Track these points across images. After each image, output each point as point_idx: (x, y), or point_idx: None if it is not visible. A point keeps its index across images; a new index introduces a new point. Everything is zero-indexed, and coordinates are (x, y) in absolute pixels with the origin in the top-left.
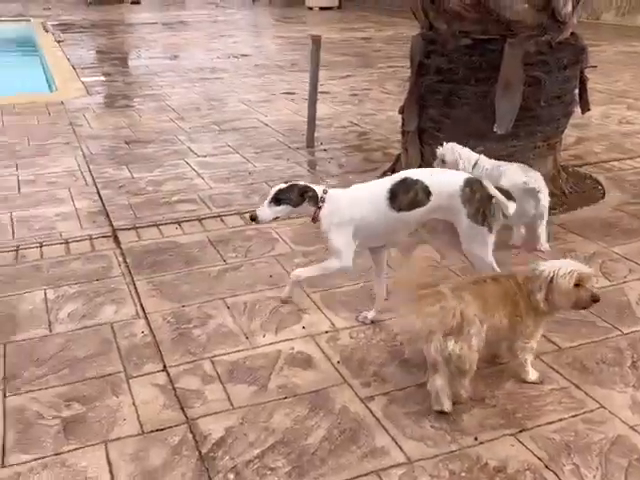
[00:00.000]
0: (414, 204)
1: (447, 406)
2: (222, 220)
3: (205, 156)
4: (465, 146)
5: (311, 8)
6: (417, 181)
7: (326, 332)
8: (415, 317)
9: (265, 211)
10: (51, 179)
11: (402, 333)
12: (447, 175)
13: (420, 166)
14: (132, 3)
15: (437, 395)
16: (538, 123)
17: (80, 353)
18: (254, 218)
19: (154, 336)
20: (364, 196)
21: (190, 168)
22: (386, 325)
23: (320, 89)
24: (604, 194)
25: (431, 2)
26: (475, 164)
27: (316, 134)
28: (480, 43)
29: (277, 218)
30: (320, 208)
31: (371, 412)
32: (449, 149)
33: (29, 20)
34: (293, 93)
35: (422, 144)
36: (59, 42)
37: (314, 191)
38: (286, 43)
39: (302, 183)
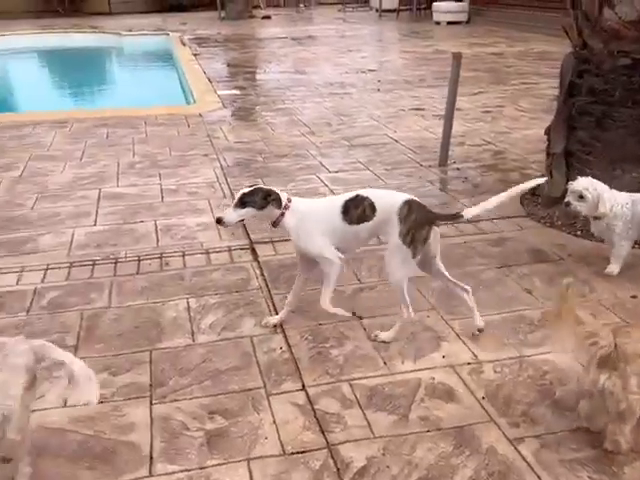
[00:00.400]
0: (362, 219)
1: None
2: None
3: (337, 172)
4: (618, 170)
5: (438, 23)
6: (366, 198)
7: (468, 364)
8: (570, 349)
9: (231, 214)
10: (191, 189)
11: (553, 371)
12: (391, 194)
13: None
14: (263, 18)
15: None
16: None
17: (222, 365)
18: (219, 221)
19: (292, 353)
20: (323, 208)
21: (322, 183)
22: (533, 361)
23: None
24: None
25: (586, 20)
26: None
27: (449, 152)
28: None
29: (242, 220)
30: (283, 214)
31: (521, 455)
32: (589, 185)
33: (168, 34)
34: (422, 109)
35: (568, 167)
36: (195, 55)
37: (277, 195)
38: (413, 58)
39: (266, 187)
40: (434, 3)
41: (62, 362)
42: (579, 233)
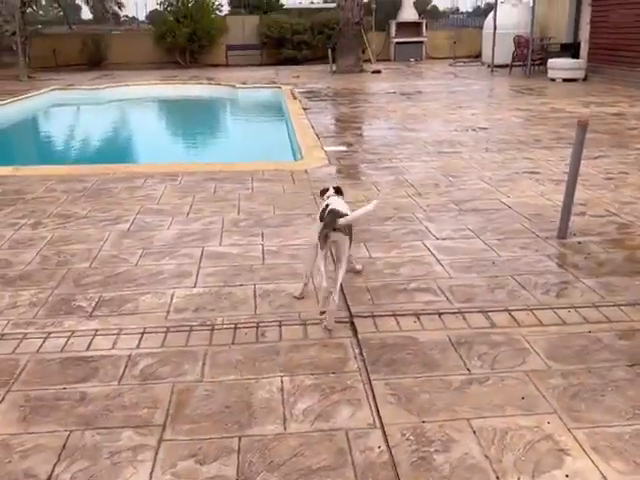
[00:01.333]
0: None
1: None
2: (464, 318)
3: (444, 239)
4: None
5: (553, 79)
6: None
7: None
8: None
9: None
10: (293, 251)
11: None
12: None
13: None
14: (373, 72)
15: None
16: None
17: (314, 462)
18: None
19: (391, 454)
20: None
21: (428, 252)
22: None
23: (566, 169)
24: None
25: None
26: None
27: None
28: None
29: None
30: None
31: None
32: None
33: (280, 87)
34: (537, 172)
35: None
36: (305, 109)
37: None
38: (527, 116)
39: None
40: (549, 60)
41: None
42: None
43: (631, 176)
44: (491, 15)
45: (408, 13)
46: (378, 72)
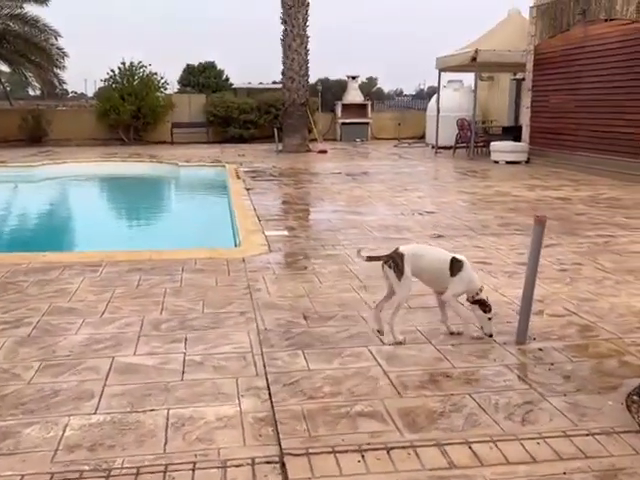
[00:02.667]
0: None
1: None
2: (417, 454)
3: (391, 344)
4: None
5: (497, 162)
6: None
7: None
8: None
9: None
10: (219, 362)
11: None
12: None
13: None
14: (319, 152)
15: None
16: None
17: None
18: None
19: None
20: None
21: (375, 362)
22: None
23: (518, 259)
24: None
25: None
26: None
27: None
28: None
29: None
30: None
31: None
32: None
33: (224, 166)
34: (488, 263)
35: None
36: (248, 190)
37: None
38: (473, 200)
39: None
40: (492, 142)
41: None
42: None
43: (585, 268)
44: (434, 98)
45: (353, 95)
46: (324, 152)
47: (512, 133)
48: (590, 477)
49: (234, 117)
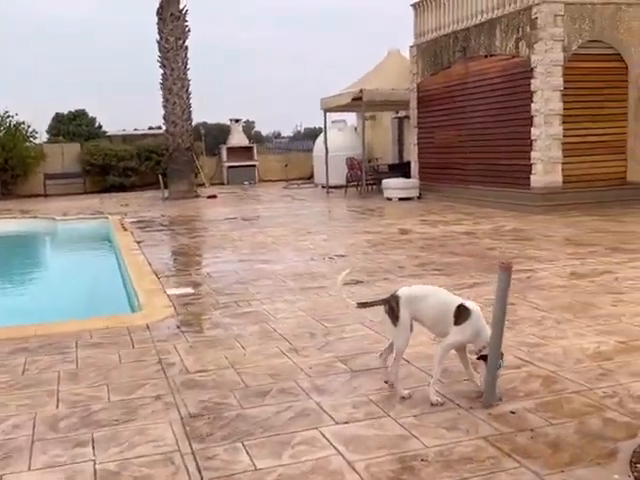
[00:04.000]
0: None
1: None
2: None
3: (346, 422)
4: None
5: (390, 199)
6: None
7: None
8: None
9: None
10: (141, 470)
11: None
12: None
13: None
14: (209, 197)
15: None
16: None
17: None
18: None
19: None
20: None
21: (333, 449)
22: None
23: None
24: None
25: None
26: None
27: (481, 377)
28: None
29: None
30: None
31: None
32: None
33: (107, 217)
34: None
35: None
36: (139, 242)
37: None
38: (380, 240)
39: None
40: (384, 180)
41: None
42: None
43: (520, 307)
44: (320, 139)
45: (238, 138)
46: (214, 197)
47: (399, 170)
48: None
49: (112, 165)
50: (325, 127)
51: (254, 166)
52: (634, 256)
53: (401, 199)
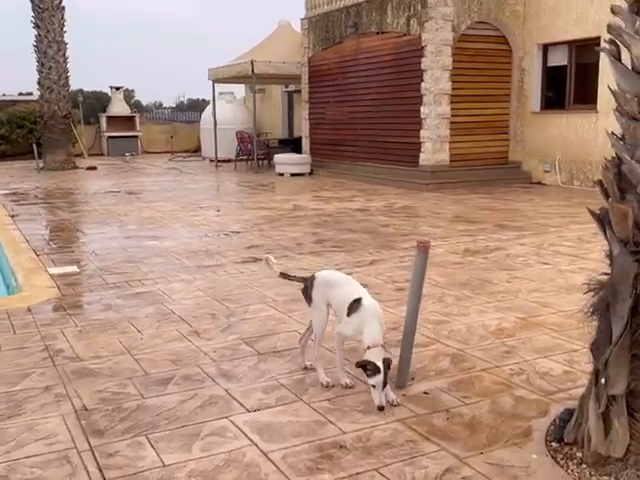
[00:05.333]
0: None
1: None
2: None
3: (258, 410)
4: None
5: (282, 174)
6: None
7: None
8: None
9: None
10: (32, 472)
11: None
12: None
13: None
14: (88, 169)
15: None
16: None
17: None
18: None
19: None
20: None
21: (246, 439)
22: None
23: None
24: None
25: None
26: None
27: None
28: None
29: None
30: None
31: None
32: None
33: None
34: None
35: (633, 415)
36: (13, 217)
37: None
38: (275, 216)
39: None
40: (276, 155)
41: None
42: None
43: None
44: (207, 110)
45: (118, 107)
46: (94, 168)
47: (290, 145)
48: None
49: None
50: (214, 99)
51: (136, 137)
52: (520, 233)
53: (293, 175)
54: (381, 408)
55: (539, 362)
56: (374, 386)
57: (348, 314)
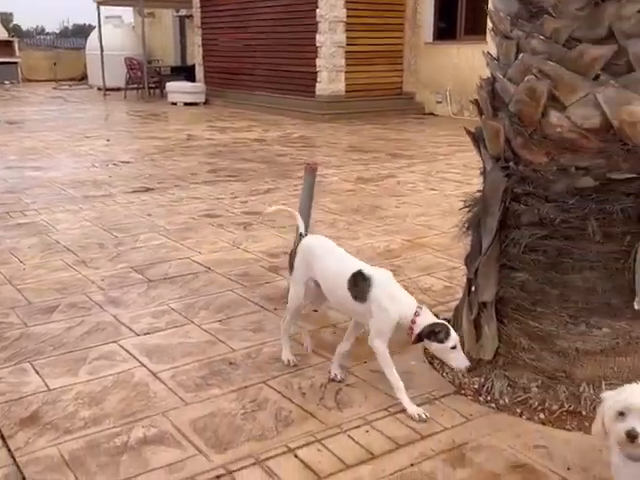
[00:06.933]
0: None
1: None
2: None
3: (148, 333)
4: (581, 325)
5: (175, 103)
6: None
7: None
8: None
9: None
10: None
11: None
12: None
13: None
14: None
15: None
16: None
17: None
18: None
19: None
20: None
21: (135, 361)
22: None
23: (244, 208)
24: None
25: (520, 125)
26: None
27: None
28: (610, 184)
29: None
30: None
31: None
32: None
33: None
34: (215, 215)
35: (502, 320)
36: None
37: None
38: (169, 146)
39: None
40: (169, 83)
41: None
42: (542, 416)
43: (312, 211)
44: (93, 35)
45: None
46: None
47: (183, 73)
48: (439, 463)
49: None
50: (99, 23)
51: (16, 63)
52: (411, 161)
53: (187, 104)
54: (470, 369)
55: (422, 279)
56: (454, 347)
57: (359, 298)
